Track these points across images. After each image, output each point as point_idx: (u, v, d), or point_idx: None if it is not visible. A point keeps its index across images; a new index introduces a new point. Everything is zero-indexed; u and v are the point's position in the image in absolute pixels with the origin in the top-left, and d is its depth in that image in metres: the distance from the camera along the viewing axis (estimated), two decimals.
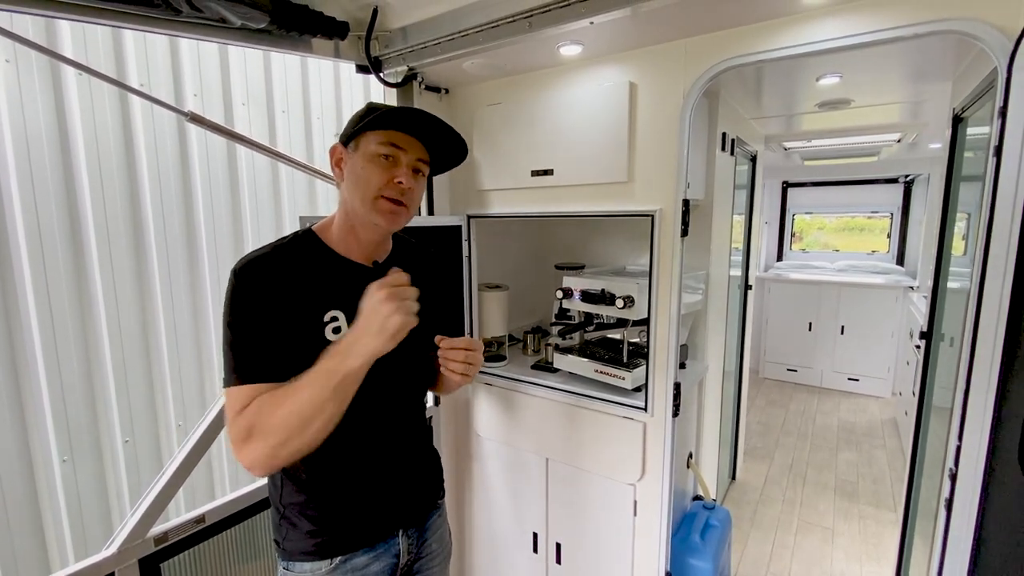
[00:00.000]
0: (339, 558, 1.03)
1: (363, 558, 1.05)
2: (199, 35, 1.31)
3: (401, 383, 1.11)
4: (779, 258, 5.81)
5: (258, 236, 2.26)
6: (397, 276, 0.87)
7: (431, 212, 1.90)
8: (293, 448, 0.85)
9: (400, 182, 0.97)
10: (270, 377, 0.90)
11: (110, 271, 1.84)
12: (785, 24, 1.28)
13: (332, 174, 1.05)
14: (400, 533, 1.11)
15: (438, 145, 1.05)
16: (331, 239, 1.03)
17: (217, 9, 1.18)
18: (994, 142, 1.07)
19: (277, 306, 0.91)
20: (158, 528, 1.26)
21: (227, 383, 0.90)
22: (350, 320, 0.98)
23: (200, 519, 1.33)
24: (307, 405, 0.84)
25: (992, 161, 1.07)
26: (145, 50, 1.89)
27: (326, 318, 0.96)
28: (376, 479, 1.07)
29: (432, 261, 1.24)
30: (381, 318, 0.83)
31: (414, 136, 1.00)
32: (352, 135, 0.99)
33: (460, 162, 1.12)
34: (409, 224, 1.04)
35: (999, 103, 1.06)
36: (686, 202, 1.48)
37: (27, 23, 1.61)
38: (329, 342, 0.95)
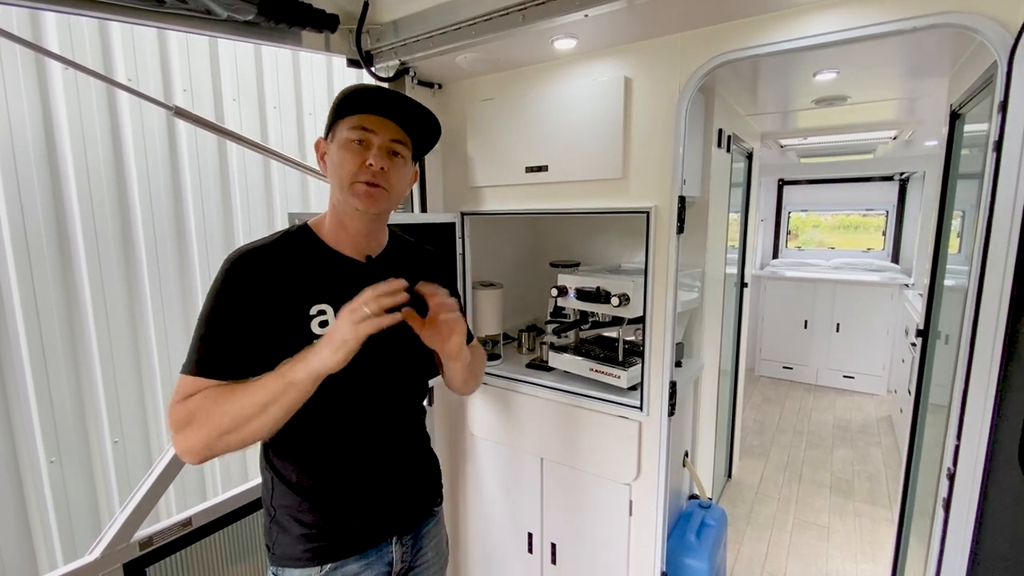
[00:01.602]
0: (329, 565, 1.01)
1: (354, 565, 1.03)
2: (185, 27, 1.28)
3: (395, 385, 1.08)
4: (775, 256, 5.82)
5: (249, 234, 2.23)
6: (391, 284, 0.86)
7: (424, 209, 1.87)
8: (230, 442, 0.85)
9: (371, 164, 0.95)
10: (231, 376, 0.89)
11: (97, 269, 1.80)
12: (782, 18, 1.26)
13: (319, 168, 1.04)
14: (393, 540, 1.08)
15: (412, 125, 1.02)
16: (324, 234, 1.02)
17: (202, 0, 1.15)
18: (994, 137, 1.05)
19: (264, 301, 0.90)
20: (144, 532, 1.24)
21: (185, 371, 0.89)
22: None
23: (187, 522, 1.30)
24: (249, 405, 0.84)
25: (992, 157, 1.05)
26: (133, 45, 1.86)
27: (312, 311, 0.95)
28: (370, 484, 1.04)
29: (430, 259, 1.21)
30: (344, 329, 0.83)
31: (386, 116, 0.97)
32: (330, 126, 0.99)
33: (436, 138, 1.08)
34: (404, 221, 1.02)
35: (999, 98, 1.04)
36: (682, 199, 1.47)
37: (11, 17, 1.57)
38: (315, 335, 0.95)
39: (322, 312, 0.96)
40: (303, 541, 1.00)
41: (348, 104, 0.96)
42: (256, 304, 0.90)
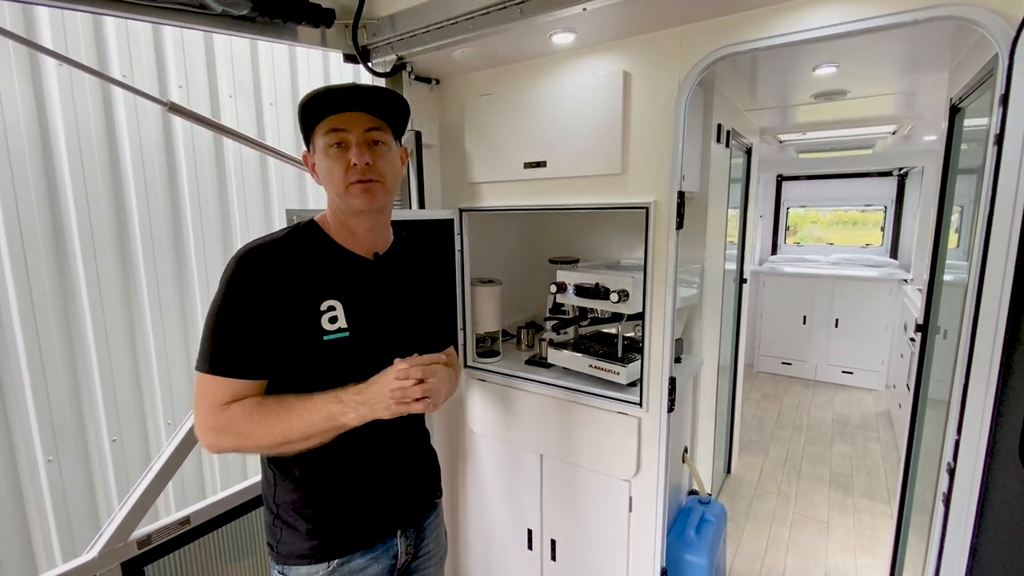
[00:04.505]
0: (336, 561, 1.01)
1: (361, 560, 1.03)
2: (179, 22, 1.26)
3: None
4: (773, 252, 5.81)
5: (247, 231, 2.22)
6: (428, 359, 0.94)
7: (422, 205, 1.86)
8: (261, 451, 0.89)
9: (355, 164, 0.95)
10: (247, 373, 0.90)
11: (94, 266, 1.79)
12: (781, 11, 1.25)
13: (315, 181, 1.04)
14: (399, 534, 1.09)
15: (382, 108, 1.00)
16: (331, 231, 1.03)
17: None
18: (995, 131, 1.05)
19: (275, 296, 0.91)
20: (142, 530, 1.23)
21: (200, 368, 0.90)
22: (348, 310, 0.98)
23: (185, 521, 1.30)
24: (295, 432, 0.89)
25: (993, 150, 1.05)
26: (128, 41, 1.84)
27: (323, 307, 0.96)
28: (374, 479, 1.05)
29: (429, 258, 1.22)
30: (395, 400, 0.90)
31: (353, 110, 0.96)
32: (307, 138, 1.00)
33: (407, 113, 1.06)
34: (402, 218, 1.01)
35: (1000, 91, 1.03)
36: (681, 194, 1.46)
37: (4, 12, 1.56)
38: (325, 331, 0.95)
39: (332, 308, 0.97)
40: (309, 538, 1.00)
41: (310, 113, 0.96)
42: (267, 299, 0.90)
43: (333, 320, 0.96)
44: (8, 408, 1.61)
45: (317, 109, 0.95)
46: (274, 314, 0.91)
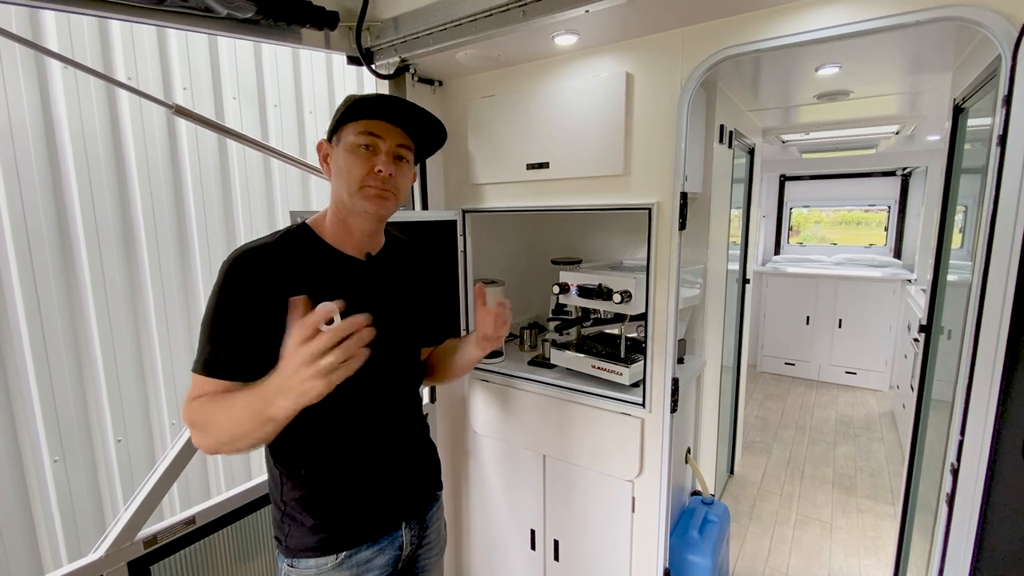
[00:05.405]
0: (344, 553, 1.03)
1: (367, 552, 1.05)
2: (184, 25, 1.27)
3: (396, 377, 1.11)
4: (776, 252, 5.80)
5: (251, 232, 2.23)
6: (350, 325, 0.77)
7: (425, 206, 1.87)
8: (233, 449, 0.87)
9: (380, 171, 0.97)
10: (239, 376, 0.89)
11: (99, 267, 1.80)
12: (784, 12, 1.26)
13: (321, 169, 1.05)
14: (403, 526, 1.11)
15: (418, 130, 1.04)
16: (325, 232, 1.03)
17: None
18: (998, 131, 1.05)
19: (267, 299, 0.91)
20: (148, 530, 1.24)
21: (196, 369, 0.90)
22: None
23: (190, 520, 1.30)
24: (237, 426, 0.83)
25: (996, 151, 1.05)
26: (133, 44, 1.85)
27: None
28: (377, 473, 1.06)
29: (424, 257, 1.24)
30: (299, 382, 0.76)
31: (392, 123, 1.00)
32: (334, 129, 1.00)
33: (441, 145, 1.11)
34: (405, 219, 1.02)
35: (1003, 92, 1.03)
36: (684, 195, 1.46)
37: (10, 15, 1.57)
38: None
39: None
40: (316, 532, 1.01)
41: (356, 109, 0.97)
42: (259, 303, 0.90)
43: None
44: (14, 409, 1.62)
45: (364, 108, 0.97)
46: (268, 317, 0.90)
